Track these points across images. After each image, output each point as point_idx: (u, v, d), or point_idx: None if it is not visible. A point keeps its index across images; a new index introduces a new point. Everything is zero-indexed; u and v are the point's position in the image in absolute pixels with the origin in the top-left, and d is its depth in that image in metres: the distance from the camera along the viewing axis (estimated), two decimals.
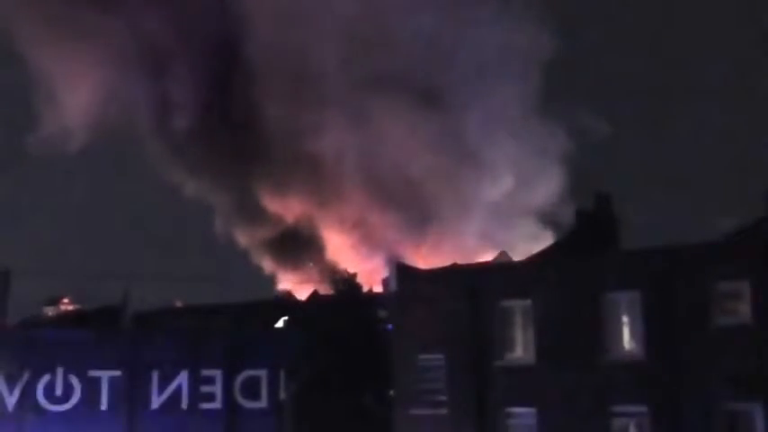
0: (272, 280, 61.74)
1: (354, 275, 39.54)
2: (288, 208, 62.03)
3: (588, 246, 32.89)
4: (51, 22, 60.95)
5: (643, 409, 29.46)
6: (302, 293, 53.23)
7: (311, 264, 60.41)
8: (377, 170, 59.04)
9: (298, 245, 61.64)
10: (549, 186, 57.20)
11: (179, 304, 52.25)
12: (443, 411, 31.93)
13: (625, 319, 30.40)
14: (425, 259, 51.05)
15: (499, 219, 58.30)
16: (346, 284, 39.05)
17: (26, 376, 39.24)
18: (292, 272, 61.82)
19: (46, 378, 39.24)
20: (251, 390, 39.37)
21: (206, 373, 39.47)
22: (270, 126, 60.87)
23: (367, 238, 59.28)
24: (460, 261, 40.86)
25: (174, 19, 62.80)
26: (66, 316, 52.14)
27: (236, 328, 42.77)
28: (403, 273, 34.15)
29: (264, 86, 60.82)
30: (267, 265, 62.55)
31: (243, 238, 63.17)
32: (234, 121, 62.02)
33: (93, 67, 61.92)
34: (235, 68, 62.20)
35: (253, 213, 62.81)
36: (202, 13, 63.06)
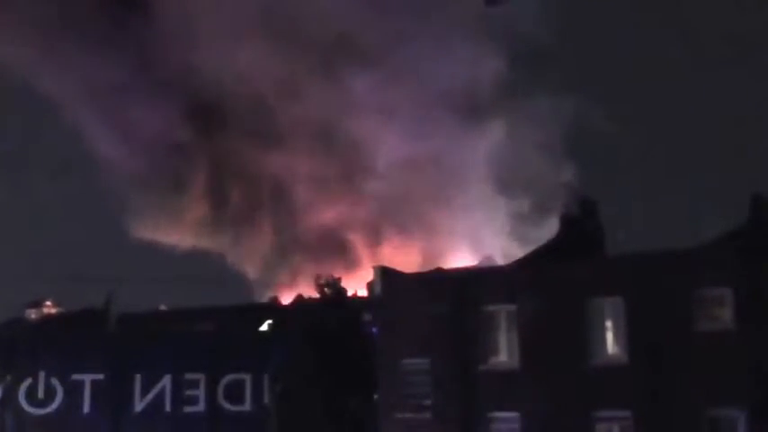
0: (256, 284, 61.31)
1: (339, 279, 39.49)
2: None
3: (573, 251, 32.96)
4: None
5: (627, 413, 29.52)
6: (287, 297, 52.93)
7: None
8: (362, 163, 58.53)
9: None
10: (542, 183, 56.37)
11: (164, 307, 51.95)
12: (428, 415, 31.92)
13: (609, 324, 30.47)
14: (408, 261, 50.84)
15: (489, 219, 57.74)
16: (331, 288, 38.99)
17: (8, 379, 39.01)
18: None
19: (28, 381, 39.00)
20: (235, 393, 39.20)
21: (189, 376, 39.27)
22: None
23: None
24: (444, 265, 40.86)
25: None
26: (49, 319, 51.75)
27: (220, 331, 42.63)
28: (388, 277, 34.12)
29: None
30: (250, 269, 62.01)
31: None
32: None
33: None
34: None
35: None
36: None
